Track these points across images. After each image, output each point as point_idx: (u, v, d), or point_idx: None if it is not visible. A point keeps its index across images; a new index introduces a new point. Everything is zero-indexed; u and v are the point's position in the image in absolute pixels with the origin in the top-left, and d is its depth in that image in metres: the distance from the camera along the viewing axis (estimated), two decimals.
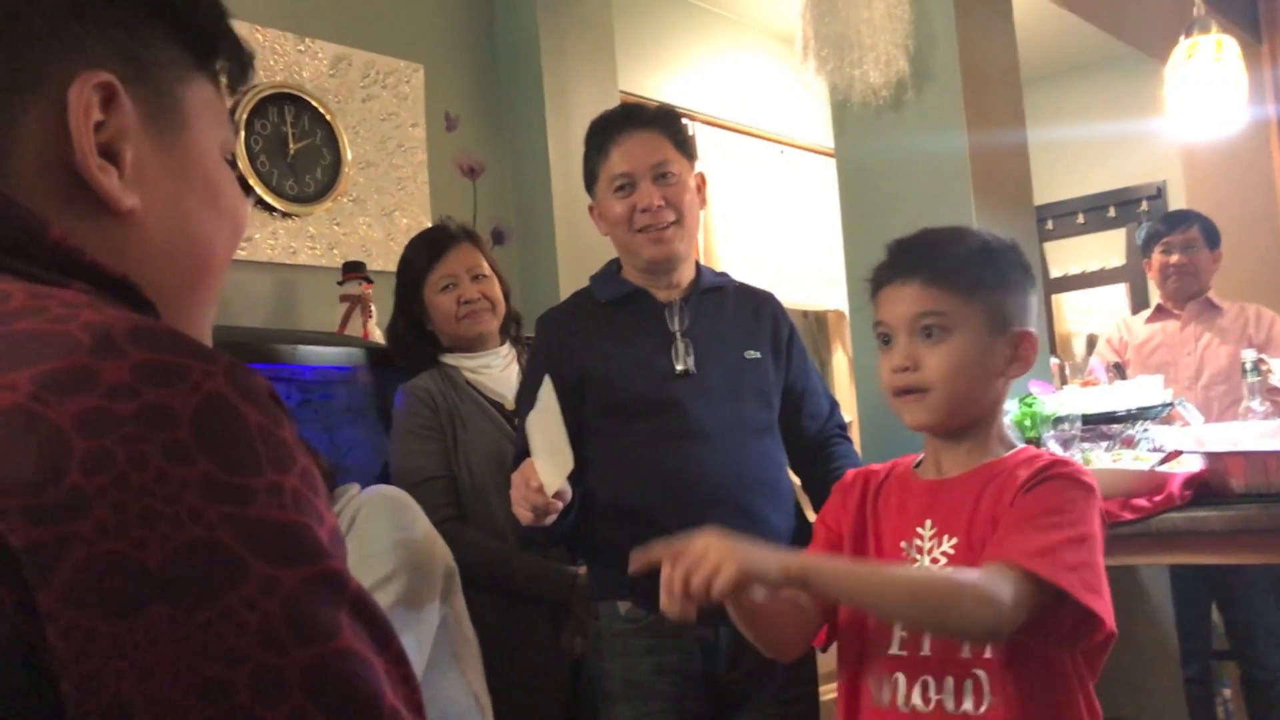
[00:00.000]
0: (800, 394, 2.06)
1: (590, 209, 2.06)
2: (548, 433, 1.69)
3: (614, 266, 2.08)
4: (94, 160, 0.63)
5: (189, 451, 0.49)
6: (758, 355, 1.99)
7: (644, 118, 2.00)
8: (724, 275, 2.11)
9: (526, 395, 2.01)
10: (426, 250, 2.39)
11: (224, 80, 0.75)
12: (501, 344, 2.42)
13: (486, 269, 2.39)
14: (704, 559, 1.21)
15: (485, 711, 1.72)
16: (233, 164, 0.75)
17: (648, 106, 2.05)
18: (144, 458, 0.48)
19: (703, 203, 2.04)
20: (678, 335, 1.94)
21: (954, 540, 1.38)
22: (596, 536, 1.95)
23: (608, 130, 2.00)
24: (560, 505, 1.72)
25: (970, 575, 1.26)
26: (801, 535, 1.87)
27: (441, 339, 2.38)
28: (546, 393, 1.71)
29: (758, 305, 2.07)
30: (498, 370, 2.37)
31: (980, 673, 1.34)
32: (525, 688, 2.08)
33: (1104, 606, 1.26)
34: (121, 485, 0.47)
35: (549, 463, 1.69)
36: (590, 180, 2.03)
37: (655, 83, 4.27)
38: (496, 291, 2.38)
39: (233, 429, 0.51)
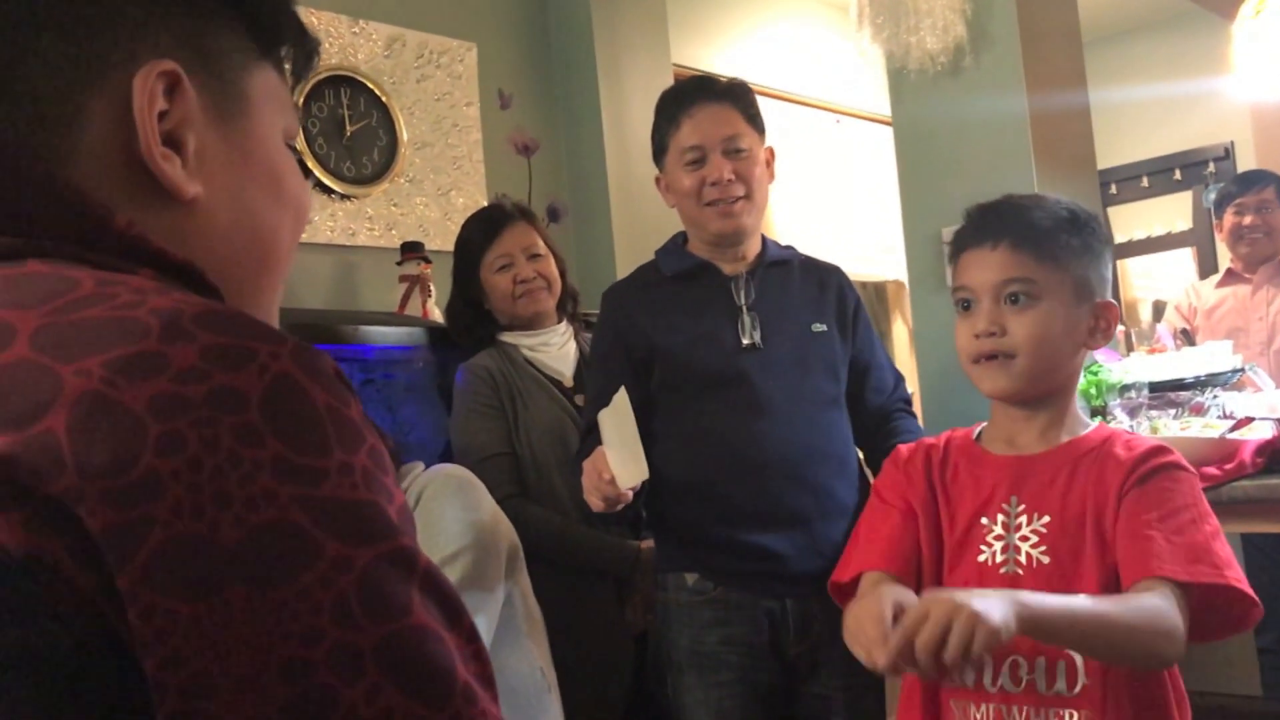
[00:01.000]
0: (865, 367, 2.04)
1: (657, 180, 2.05)
2: (624, 437, 1.69)
3: (680, 239, 2.07)
4: (158, 149, 0.63)
5: (259, 433, 0.50)
6: (824, 328, 1.98)
7: (716, 90, 1.98)
8: (790, 248, 2.09)
9: (596, 376, 2.01)
10: (481, 230, 2.40)
11: (288, 67, 0.75)
12: (559, 322, 2.42)
13: (542, 247, 2.39)
14: (950, 623, 1.10)
15: (552, 686, 1.73)
16: (295, 150, 0.75)
17: (720, 79, 2.02)
18: (216, 440, 0.49)
19: (771, 177, 2.02)
20: (744, 309, 1.93)
21: (1045, 519, 1.36)
22: (663, 510, 1.96)
23: (679, 102, 1.98)
24: (630, 497, 1.73)
25: (1160, 609, 1.23)
26: None
27: (499, 318, 2.39)
28: (621, 400, 1.70)
29: (823, 278, 2.06)
30: (556, 348, 2.38)
31: (1075, 654, 1.32)
32: (590, 661, 2.10)
33: (1250, 590, 1.28)
34: (195, 468, 0.48)
35: (622, 459, 1.70)
36: (659, 151, 2.02)
37: (709, 55, 4.24)
38: (552, 269, 2.39)
39: (301, 410, 0.52)
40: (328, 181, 2.82)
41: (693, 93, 1.99)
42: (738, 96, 1.98)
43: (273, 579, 0.48)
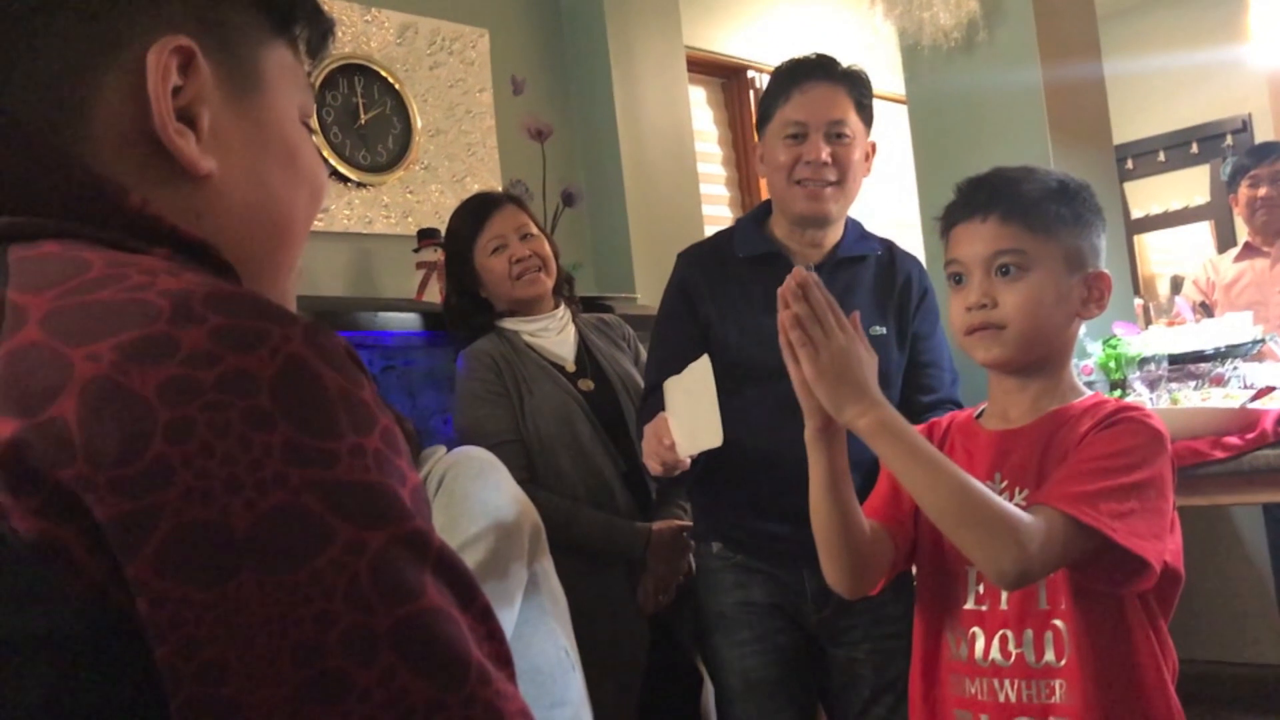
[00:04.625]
0: (920, 365, 2.01)
1: (755, 148, 2.04)
2: (698, 404, 1.69)
3: (763, 212, 2.05)
4: (172, 124, 0.63)
5: (270, 417, 0.49)
6: (883, 331, 1.95)
7: (833, 72, 1.96)
8: (871, 241, 2.05)
9: (663, 334, 2.03)
10: (471, 216, 2.36)
11: (303, 48, 0.75)
12: (556, 306, 2.39)
13: (534, 228, 2.37)
14: (826, 339, 1.25)
15: (576, 665, 1.75)
16: (312, 131, 0.75)
17: (840, 62, 1.99)
18: (226, 425, 0.48)
19: (867, 171, 2.01)
20: None
21: (1025, 492, 1.36)
22: (703, 483, 1.98)
23: (794, 75, 1.96)
24: (688, 464, 1.74)
25: (1016, 513, 1.23)
26: None
27: (497, 304, 2.36)
28: (702, 366, 1.70)
29: (895, 275, 2.02)
30: (555, 333, 2.35)
31: (1060, 624, 1.33)
32: (605, 644, 2.10)
33: (1154, 550, 1.23)
34: (205, 453, 0.48)
35: (687, 427, 1.71)
36: (763, 120, 2.00)
37: (722, 36, 4.23)
38: (546, 250, 2.36)
39: (313, 392, 0.51)
40: (343, 170, 2.83)
41: (809, 69, 1.96)
42: (853, 84, 1.96)
43: (285, 564, 0.48)
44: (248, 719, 0.47)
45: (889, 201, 4.79)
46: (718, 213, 4.11)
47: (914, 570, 2.00)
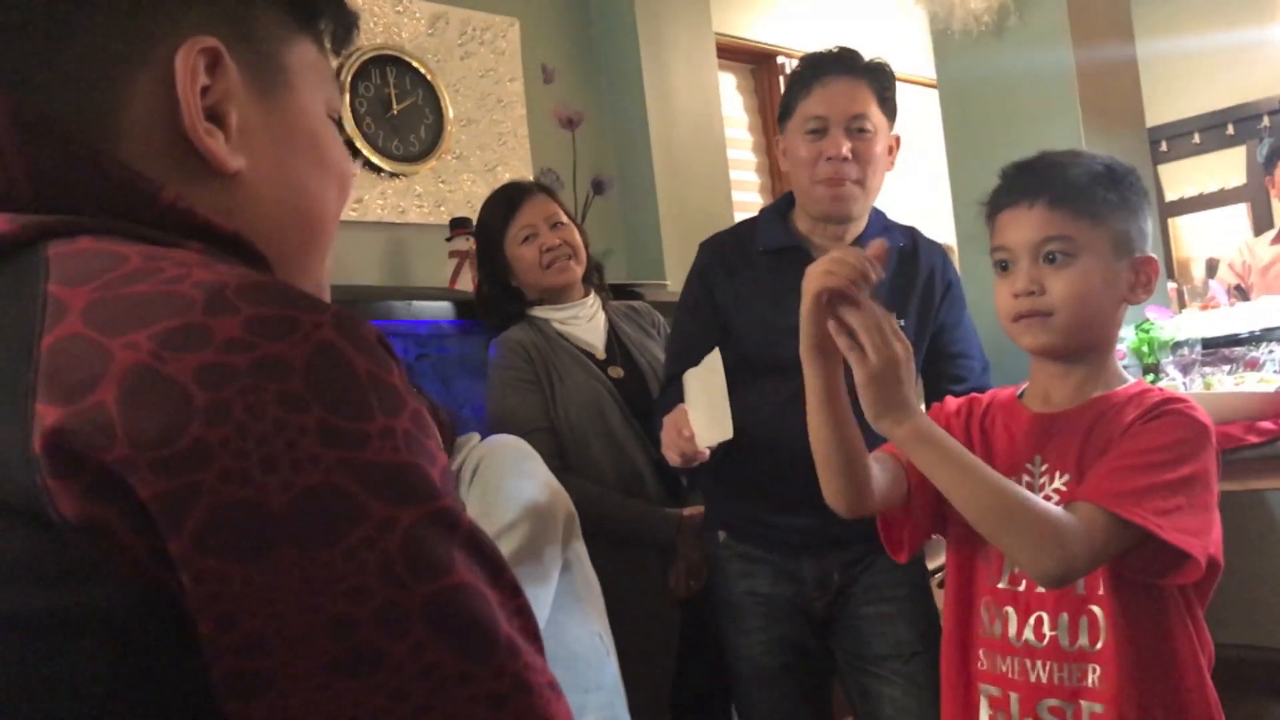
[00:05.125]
0: (948, 355, 2.01)
1: (776, 142, 2.03)
2: (711, 397, 1.72)
3: (786, 203, 2.05)
4: (200, 124, 0.64)
5: (304, 400, 0.51)
6: (901, 324, 1.95)
7: (855, 66, 1.95)
8: (894, 233, 2.03)
9: (682, 325, 2.06)
10: (502, 205, 2.38)
11: (328, 42, 0.76)
12: (586, 294, 2.40)
13: (564, 217, 2.38)
14: (883, 348, 1.26)
15: (610, 651, 1.77)
16: (339, 125, 0.76)
17: (862, 55, 1.99)
18: (261, 408, 0.50)
19: (891, 165, 2.00)
20: None
21: (1066, 477, 1.36)
22: (714, 473, 1.99)
23: (816, 69, 1.96)
24: (707, 455, 1.77)
25: (1057, 514, 1.24)
26: None
27: (528, 293, 2.38)
28: (714, 360, 1.72)
29: (918, 267, 2.01)
30: (585, 320, 2.37)
31: (1096, 610, 1.32)
32: (638, 629, 2.12)
33: (1199, 545, 1.23)
34: (242, 435, 0.49)
35: (705, 419, 1.73)
36: (784, 114, 2.00)
37: (751, 22, 4.22)
38: (577, 238, 2.37)
39: (344, 376, 0.53)
40: (376, 160, 2.86)
41: (831, 63, 1.96)
42: (875, 77, 1.96)
43: (320, 540, 0.50)
44: (284, 690, 0.50)
45: (917, 187, 4.77)
46: (748, 199, 4.11)
47: (942, 558, 2.01)
